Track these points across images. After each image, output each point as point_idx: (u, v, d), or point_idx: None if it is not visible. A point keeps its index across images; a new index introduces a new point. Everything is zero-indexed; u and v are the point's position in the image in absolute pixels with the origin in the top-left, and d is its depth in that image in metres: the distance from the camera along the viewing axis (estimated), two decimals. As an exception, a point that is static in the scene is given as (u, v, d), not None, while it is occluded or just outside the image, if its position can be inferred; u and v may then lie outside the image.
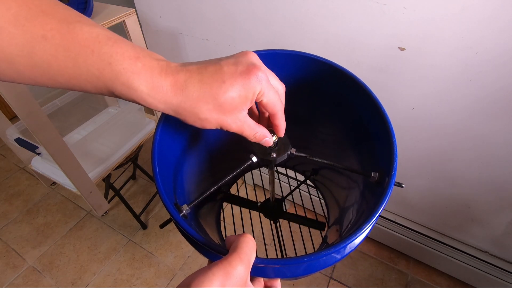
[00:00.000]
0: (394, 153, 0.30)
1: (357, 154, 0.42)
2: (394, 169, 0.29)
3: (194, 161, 0.44)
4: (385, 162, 0.31)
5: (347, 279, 1.08)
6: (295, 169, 0.61)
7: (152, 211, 1.31)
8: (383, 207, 0.27)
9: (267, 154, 0.32)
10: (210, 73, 0.24)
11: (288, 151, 0.32)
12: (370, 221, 0.26)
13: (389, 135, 0.31)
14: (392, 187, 0.29)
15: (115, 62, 0.22)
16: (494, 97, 0.62)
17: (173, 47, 1.02)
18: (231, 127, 0.26)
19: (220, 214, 0.56)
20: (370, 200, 0.34)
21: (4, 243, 1.21)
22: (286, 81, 0.41)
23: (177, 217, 0.28)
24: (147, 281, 1.09)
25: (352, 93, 0.38)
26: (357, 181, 0.41)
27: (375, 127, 0.35)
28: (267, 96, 0.26)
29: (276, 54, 0.39)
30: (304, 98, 0.44)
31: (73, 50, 0.21)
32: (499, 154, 0.69)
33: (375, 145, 0.36)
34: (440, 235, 0.97)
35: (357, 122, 0.40)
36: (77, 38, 0.21)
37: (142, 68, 0.23)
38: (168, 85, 0.24)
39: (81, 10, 0.87)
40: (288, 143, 0.33)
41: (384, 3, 0.60)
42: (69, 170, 1.00)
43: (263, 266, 0.26)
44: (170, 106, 0.24)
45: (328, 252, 0.25)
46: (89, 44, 0.21)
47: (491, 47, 0.56)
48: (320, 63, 0.38)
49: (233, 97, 0.24)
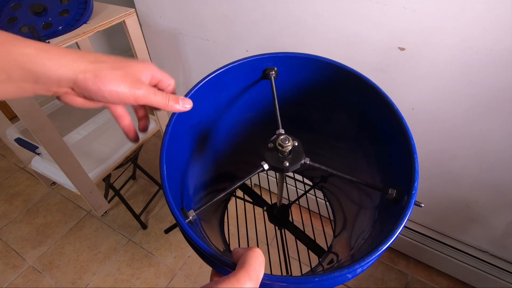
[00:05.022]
0: (416, 171, 0.28)
1: (372, 166, 0.39)
2: (415, 188, 0.27)
3: (202, 163, 0.43)
4: (404, 178, 0.29)
5: (347, 279, 1.08)
6: (303, 174, 0.59)
7: (152, 211, 1.31)
8: (402, 229, 0.25)
9: (280, 163, 0.30)
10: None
11: (302, 161, 0.30)
12: (386, 243, 0.25)
13: (411, 151, 0.29)
14: (412, 207, 0.27)
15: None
16: (494, 97, 0.62)
17: (173, 47, 1.02)
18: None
19: (224, 216, 0.55)
20: (386, 218, 0.31)
21: (4, 243, 1.21)
22: (303, 85, 0.39)
23: (184, 225, 0.27)
24: (147, 281, 1.09)
25: (371, 103, 0.36)
26: (371, 195, 0.38)
27: (395, 141, 0.32)
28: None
29: (294, 58, 0.37)
30: (319, 103, 0.42)
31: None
32: (499, 154, 0.69)
33: (392, 160, 0.34)
34: (440, 235, 0.97)
35: (374, 133, 0.38)
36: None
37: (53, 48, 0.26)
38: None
39: (81, 10, 0.87)
40: (302, 152, 0.31)
41: (384, 3, 0.60)
42: (69, 170, 1.00)
43: (270, 283, 0.24)
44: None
45: (341, 272, 0.24)
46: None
47: (491, 47, 0.56)
48: (339, 69, 0.36)
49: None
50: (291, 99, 0.43)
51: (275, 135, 0.32)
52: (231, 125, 0.45)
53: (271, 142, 0.31)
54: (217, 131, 0.44)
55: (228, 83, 0.38)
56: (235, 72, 0.37)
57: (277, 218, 0.52)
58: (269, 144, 0.31)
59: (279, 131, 0.33)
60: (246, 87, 0.41)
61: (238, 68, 0.37)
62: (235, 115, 0.44)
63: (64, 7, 0.86)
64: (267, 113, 0.45)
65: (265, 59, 0.37)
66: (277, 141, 0.30)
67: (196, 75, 1.07)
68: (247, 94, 0.42)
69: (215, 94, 0.38)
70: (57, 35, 0.81)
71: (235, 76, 0.38)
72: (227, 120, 0.44)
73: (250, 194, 0.56)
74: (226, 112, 0.43)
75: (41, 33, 0.81)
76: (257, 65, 0.38)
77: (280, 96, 0.41)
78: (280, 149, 0.30)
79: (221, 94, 0.39)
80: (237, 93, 0.41)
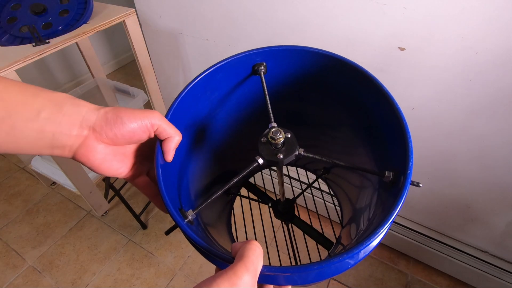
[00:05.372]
0: (410, 151, 0.28)
1: (369, 152, 0.40)
2: (409, 168, 0.28)
3: (199, 163, 0.43)
4: (400, 160, 0.29)
5: (347, 279, 1.08)
6: (306, 167, 0.59)
7: (152, 211, 1.31)
8: (399, 209, 0.26)
9: (274, 155, 0.30)
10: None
11: (296, 151, 0.31)
12: (385, 224, 0.25)
13: (404, 132, 0.30)
14: (408, 187, 0.27)
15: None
16: (494, 97, 0.62)
17: (173, 47, 1.02)
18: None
19: (231, 216, 0.55)
20: (386, 200, 0.32)
21: (4, 243, 1.21)
22: (294, 78, 0.40)
23: (182, 224, 0.27)
24: (147, 281, 1.09)
25: (363, 89, 0.36)
26: (371, 179, 0.39)
27: (389, 124, 0.33)
28: None
29: (282, 50, 0.37)
30: (313, 95, 0.43)
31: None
32: (499, 154, 0.69)
33: (388, 143, 0.34)
34: (440, 235, 0.97)
35: (369, 119, 0.38)
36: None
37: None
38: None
39: (81, 10, 0.87)
40: (295, 143, 0.31)
41: (384, 3, 0.60)
42: (69, 170, 1.00)
43: (272, 274, 0.25)
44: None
45: (340, 258, 0.23)
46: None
47: (491, 47, 0.56)
48: (330, 58, 0.36)
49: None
50: (284, 92, 0.43)
51: (267, 129, 0.32)
52: (226, 122, 0.45)
53: (263, 136, 0.31)
54: (212, 130, 0.44)
55: (219, 82, 0.38)
56: (225, 70, 0.37)
57: (282, 214, 0.52)
58: (262, 138, 0.31)
59: (271, 125, 0.33)
60: (237, 84, 0.41)
61: (227, 66, 0.37)
62: (230, 113, 0.44)
63: (64, 7, 0.86)
64: (261, 109, 0.45)
65: (253, 55, 0.37)
66: (269, 134, 0.30)
67: (196, 75, 1.07)
68: (239, 91, 0.42)
69: (208, 93, 0.39)
70: (57, 35, 0.81)
71: (226, 74, 0.38)
72: (222, 118, 0.44)
73: (255, 192, 0.56)
74: (220, 111, 0.43)
75: (41, 33, 0.81)
76: (246, 62, 0.38)
77: (272, 90, 0.41)
78: (272, 142, 0.30)
79: (214, 93, 0.39)
80: (229, 91, 0.41)
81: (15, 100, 0.24)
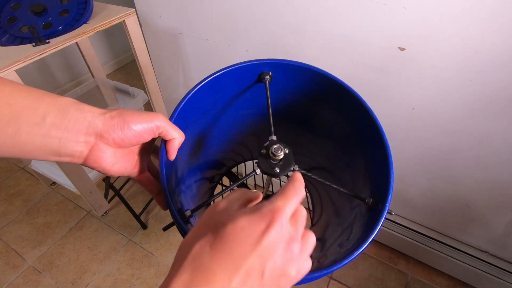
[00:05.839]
0: (390, 185, 0.30)
1: (353, 168, 0.42)
2: (388, 201, 0.29)
3: (199, 165, 0.44)
4: (380, 188, 0.31)
5: (347, 279, 1.08)
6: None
7: (152, 211, 1.31)
8: (373, 237, 0.27)
9: (272, 169, 0.33)
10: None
11: (291, 167, 0.33)
12: (354, 255, 0.27)
13: (387, 162, 0.32)
14: (385, 216, 0.29)
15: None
16: (494, 97, 0.62)
17: (173, 47, 1.02)
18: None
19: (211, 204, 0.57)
20: (359, 221, 0.34)
21: (4, 243, 1.21)
22: (292, 89, 0.41)
23: (182, 225, 0.28)
24: (147, 281, 1.09)
25: (358, 113, 0.38)
26: (350, 199, 0.41)
27: (376, 152, 0.35)
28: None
29: (285, 65, 0.40)
30: (309, 106, 0.45)
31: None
32: (499, 154, 0.69)
33: (372, 168, 0.36)
34: (440, 235, 0.97)
35: (359, 141, 0.40)
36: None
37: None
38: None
39: (81, 10, 0.87)
40: (291, 159, 0.34)
41: (384, 3, 0.60)
42: (69, 170, 1.00)
43: None
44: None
45: (312, 275, 0.26)
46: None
47: (491, 47, 0.56)
48: (328, 79, 0.39)
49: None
50: (285, 99, 0.46)
51: (268, 141, 0.34)
52: (227, 124, 0.47)
53: (264, 148, 0.34)
54: (214, 129, 0.46)
55: (224, 85, 0.40)
56: (231, 76, 0.39)
57: None
58: (262, 150, 0.34)
59: (272, 138, 0.35)
60: (241, 90, 0.43)
61: (235, 72, 0.39)
62: (231, 115, 0.46)
63: (64, 7, 0.86)
64: (261, 113, 0.48)
65: (261, 65, 0.40)
66: (270, 149, 0.33)
67: (196, 75, 1.07)
68: (243, 96, 0.44)
69: (212, 95, 0.40)
70: (57, 35, 0.81)
71: (232, 79, 0.40)
72: (224, 119, 0.46)
73: (235, 182, 0.58)
74: (223, 113, 0.45)
75: (41, 33, 0.81)
76: (253, 70, 0.40)
77: (274, 95, 0.44)
78: (272, 157, 0.33)
79: (218, 95, 0.41)
80: (233, 95, 0.43)
81: (21, 104, 0.24)
